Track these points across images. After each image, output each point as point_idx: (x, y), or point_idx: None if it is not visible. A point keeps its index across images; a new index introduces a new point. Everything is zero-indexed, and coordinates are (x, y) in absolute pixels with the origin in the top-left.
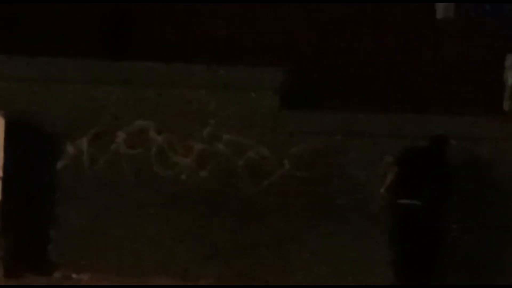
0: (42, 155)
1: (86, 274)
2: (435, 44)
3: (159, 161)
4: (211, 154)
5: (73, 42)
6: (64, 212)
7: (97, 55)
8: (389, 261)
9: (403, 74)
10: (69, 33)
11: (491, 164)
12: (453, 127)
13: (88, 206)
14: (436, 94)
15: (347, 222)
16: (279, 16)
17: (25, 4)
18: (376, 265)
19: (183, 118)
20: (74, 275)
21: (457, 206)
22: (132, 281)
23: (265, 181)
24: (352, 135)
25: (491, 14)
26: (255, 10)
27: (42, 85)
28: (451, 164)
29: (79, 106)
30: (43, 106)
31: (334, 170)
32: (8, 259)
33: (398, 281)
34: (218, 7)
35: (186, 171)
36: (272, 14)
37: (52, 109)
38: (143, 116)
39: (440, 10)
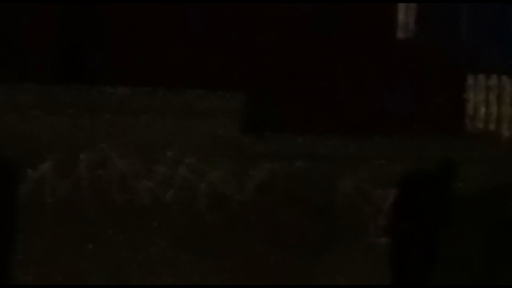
0: (2, 182)
1: None
2: (396, 65)
3: (121, 185)
4: (173, 178)
5: (33, 68)
6: (26, 238)
7: (59, 80)
8: None
9: (363, 96)
10: (28, 59)
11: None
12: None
13: (50, 232)
14: (397, 115)
15: (315, 249)
16: (240, 42)
17: None
18: None
19: (145, 143)
20: None
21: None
22: None
23: (226, 205)
24: (313, 159)
25: (452, 35)
26: (217, 36)
27: (1, 112)
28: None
29: (39, 132)
30: (2, 133)
31: (295, 194)
32: None
33: None
34: (179, 33)
35: (149, 196)
36: (233, 39)
37: (12, 135)
38: (104, 141)
39: (401, 30)
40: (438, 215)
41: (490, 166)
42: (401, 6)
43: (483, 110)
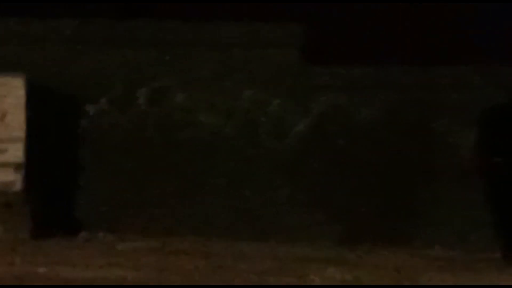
0: (64, 117)
1: (111, 234)
2: None
3: (182, 119)
4: (235, 110)
5: (91, 3)
6: (88, 173)
7: (115, 16)
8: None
9: (415, 26)
10: None
11: None
12: None
13: (111, 166)
14: (451, 45)
15: (369, 178)
16: None
17: None
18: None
19: (205, 76)
20: (99, 234)
21: None
22: (156, 240)
23: (288, 135)
24: (375, 88)
25: None
26: None
27: (61, 48)
28: None
29: (99, 67)
30: (63, 68)
31: (356, 124)
32: (35, 219)
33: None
34: None
35: (211, 128)
36: None
37: (72, 71)
38: (164, 75)
39: None
40: None
41: None
42: None
43: None
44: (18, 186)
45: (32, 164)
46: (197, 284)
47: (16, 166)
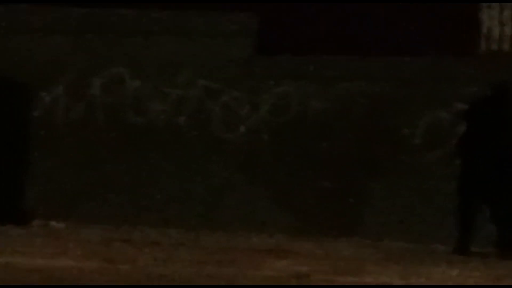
0: (17, 105)
1: (63, 222)
2: None
3: (135, 108)
4: (187, 100)
5: None
6: (41, 161)
7: (71, 3)
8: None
9: (376, 18)
10: None
11: None
12: None
13: (64, 154)
14: (410, 37)
15: (319, 169)
16: None
17: None
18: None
19: (158, 65)
20: (52, 223)
21: None
22: (108, 229)
23: (241, 126)
24: (327, 79)
25: None
26: None
27: (15, 35)
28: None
29: (53, 55)
30: (17, 56)
31: (310, 114)
32: None
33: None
34: None
35: (163, 118)
36: None
37: (26, 58)
38: (118, 64)
39: None
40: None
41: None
42: None
43: (497, 30)
44: None
45: None
46: (148, 274)
47: None
